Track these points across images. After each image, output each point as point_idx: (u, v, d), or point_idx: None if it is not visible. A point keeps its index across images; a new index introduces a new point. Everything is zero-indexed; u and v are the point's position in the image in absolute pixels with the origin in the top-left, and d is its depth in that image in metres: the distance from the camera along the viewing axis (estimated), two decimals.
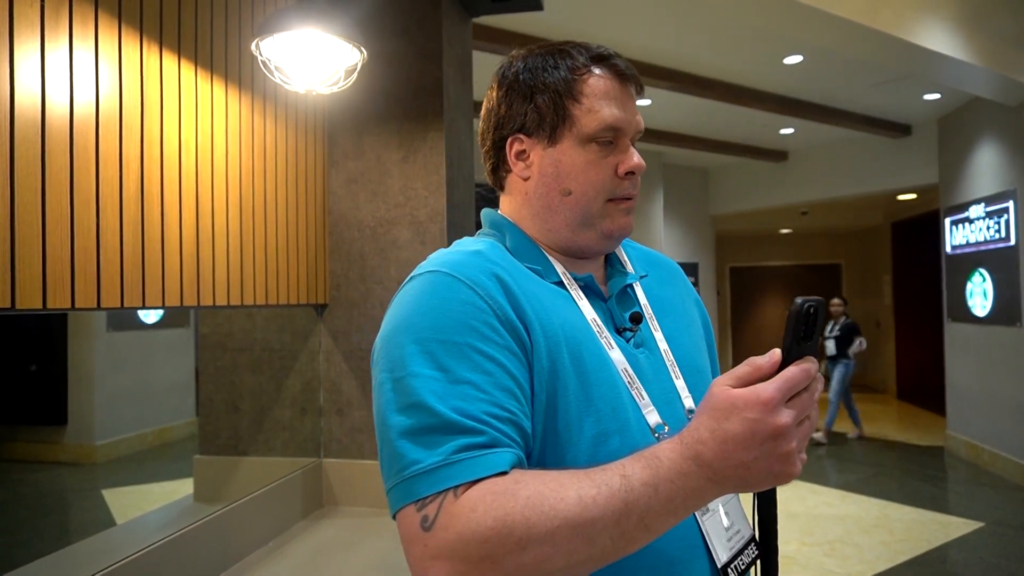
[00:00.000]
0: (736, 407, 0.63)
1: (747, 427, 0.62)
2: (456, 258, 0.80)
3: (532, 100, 0.86)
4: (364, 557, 1.72)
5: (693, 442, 0.64)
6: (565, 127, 0.84)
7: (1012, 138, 5.24)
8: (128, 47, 1.30)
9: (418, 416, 0.68)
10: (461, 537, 0.63)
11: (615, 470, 0.64)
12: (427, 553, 0.64)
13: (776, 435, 0.62)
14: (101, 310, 1.21)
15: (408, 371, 0.71)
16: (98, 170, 1.21)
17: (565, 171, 0.85)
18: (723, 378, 0.66)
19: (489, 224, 0.93)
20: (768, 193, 8.36)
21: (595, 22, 4.23)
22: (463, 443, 0.67)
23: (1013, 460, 5.32)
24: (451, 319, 0.73)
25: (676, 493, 0.63)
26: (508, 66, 0.90)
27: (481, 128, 0.93)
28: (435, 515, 0.64)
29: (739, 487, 0.65)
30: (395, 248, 2.09)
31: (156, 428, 1.88)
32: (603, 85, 0.85)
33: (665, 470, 0.63)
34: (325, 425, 2.13)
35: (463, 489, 0.65)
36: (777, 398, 0.62)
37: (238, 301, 1.68)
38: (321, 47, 1.55)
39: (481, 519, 0.62)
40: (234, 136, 1.66)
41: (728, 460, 0.62)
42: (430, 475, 0.66)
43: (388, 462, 0.70)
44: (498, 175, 0.92)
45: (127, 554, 1.33)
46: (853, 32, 3.63)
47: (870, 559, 3.87)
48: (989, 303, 5.59)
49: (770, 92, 5.73)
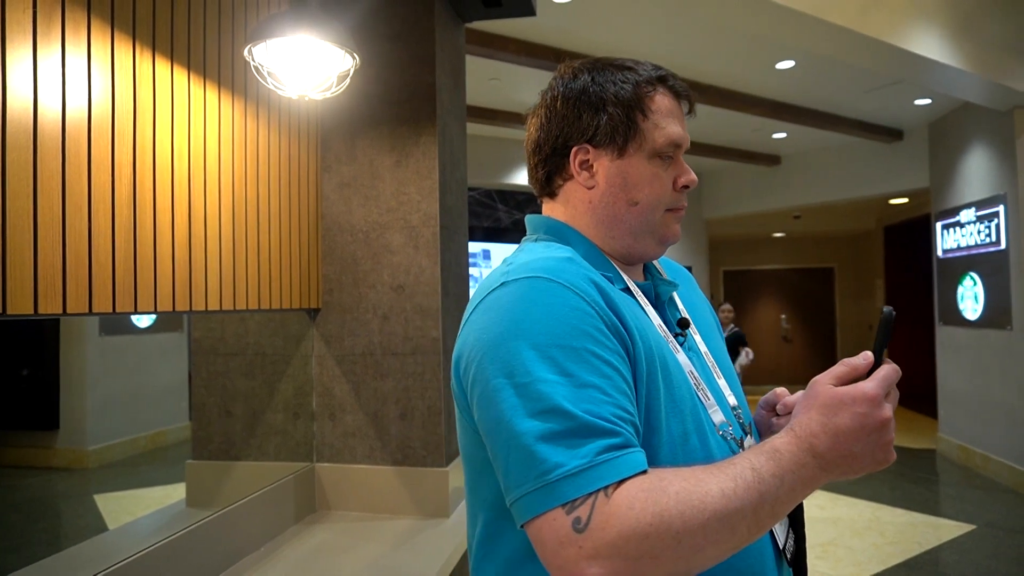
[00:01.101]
0: (844, 403, 0.71)
1: (857, 421, 0.70)
2: (553, 264, 0.81)
3: (604, 112, 0.89)
4: (357, 561, 1.72)
5: (807, 436, 0.71)
6: (635, 140, 0.89)
7: (1002, 143, 5.29)
8: (121, 52, 1.30)
9: (555, 420, 0.69)
10: (621, 535, 0.65)
11: (743, 464, 0.69)
12: (583, 554, 0.65)
13: (881, 427, 0.71)
14: (93, 315, 1.21)
15: (535, 376, 0.71)
16: (90, 175, 1.22)
17: (633, 182, 0.90)
18: (824, 377, 0.75)
19: (546, 230, 0.95)
20: (761, 197, 8.40)
21: (588, 27, 4.24)
22: (605, 444, 0.69)
23: (1004, 463, 5.35)
24: (566, 324, 0.75)
25: (797, 483, 0.70)
26: (571, 77, 0.93)
27: (536, 134, 0.95)
28: (588, 516, 0.66)
29: (845, 475, 0.72)
30: (388, 252, 2.10)
31: (149, 433, 1.87)
32: (667, 103, 0.91)
33: (787, 462, 0.70)
34: (318, 429, 2.13)
35: (612, 489, 0.67)
36: (880, 395, 0.71)
37: (231, 306, 1.68)
38: (314, 53, 1.55)
39: (640, 516, 0.65)
40: (227, 141, 1.67)
41: (839, 451, 0.70)
42: (577, 477, 0.67)
43: (521, 467, 0.70)
44: (552, 183, 0.95)
45: (119, 559, 1.33)
46: (844, 38, 3.66)
47: (862, 561, 3.89)
48: (980, 307, 5.63)
49: (763, 97, 5.76)
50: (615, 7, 3.97)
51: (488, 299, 0.81)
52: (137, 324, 1.83)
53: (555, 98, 0.93)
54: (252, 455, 1.98)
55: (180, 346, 1.99)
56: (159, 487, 1.86)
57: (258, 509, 1.81)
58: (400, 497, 2.06)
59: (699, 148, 7.24)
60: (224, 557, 1.66)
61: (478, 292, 0.85)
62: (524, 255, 0.86)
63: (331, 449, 2.12)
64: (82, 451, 1.66)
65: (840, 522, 4.59)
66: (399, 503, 2.06)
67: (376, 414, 2.09)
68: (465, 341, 0.81)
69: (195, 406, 1.94)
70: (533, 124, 0.95)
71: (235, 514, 1.71)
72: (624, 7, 3.96)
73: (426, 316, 2.06)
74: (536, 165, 0.96)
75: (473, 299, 0.85)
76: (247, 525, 1.76)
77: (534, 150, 0.95)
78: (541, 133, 0.94)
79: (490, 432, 0.74)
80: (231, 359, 1.98)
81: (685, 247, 8.69)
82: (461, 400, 0.84)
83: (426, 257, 2.07)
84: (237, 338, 2.00)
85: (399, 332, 2.08)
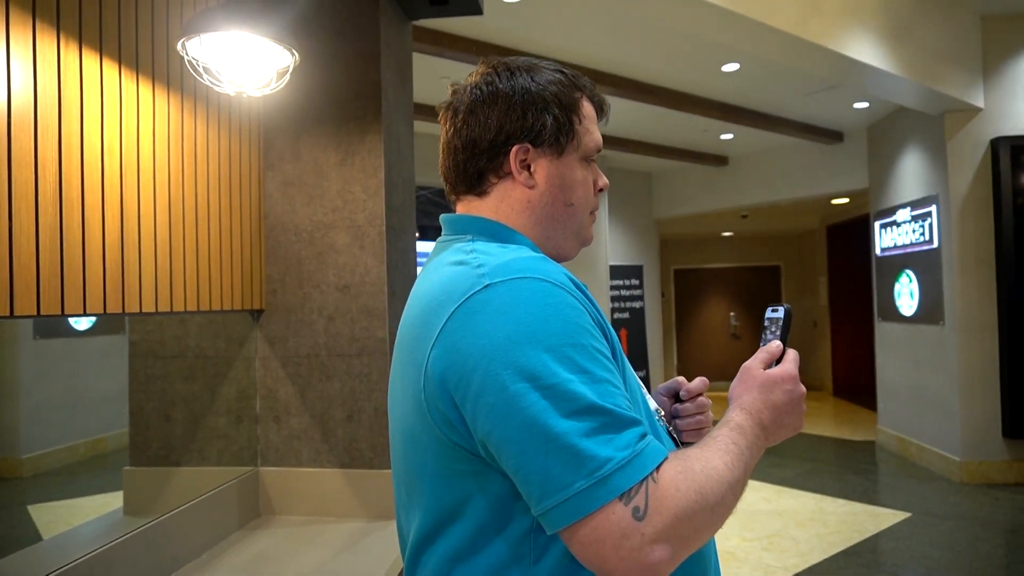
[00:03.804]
0: (776, 382, 0.87)
1: (787, 396, 0.86)
2: (535, 264, 0.80)
3: (549, 113, 0.90)
4: (301, 567, 1.70)
5: (755, 412, 0.84)
6: (572, 143, 0.92)
7: (934, 146, 5.51)
8: (44, 43, 1.25)
9: (593, 417, 0.70)
10: (677, 515, 0.68)
11: (724, 439, 0.78)
12: (646, 540, 0.67)
13: (802, 399, 0.88)
14: (14, 318, 1.17)
15: (560, 377, 0.71)
16: (10, 172, 1.17)
17: (569, 184, 0.92)
18: (753, 362, 0.90)
19: (480, 231, 0.91)
20: (710, 197, 8.57)
21: (536, 27, 4.27)
22: (638, 433, 0.72)
23: (938, 452, 5.59)
24: (572, 324, 0.75)
25: (757, 452, 0.81)
26: (508, 75, 0.91)
27: (466, 129, 0.92)
28: (645, 503, 0.68)
29: (776, 441, 0.87)
30: (333, 252, 2.07)
31: (88, 439, 1.80)
32: (590, 109, 0.95)
33: (749, 435, 0.81)
34: (262, 433, 2.09)
35: (656, 474, 0.70)
36: (796, 374, 0.89)
37: (168, 307, 1.64)
38: (251, 48, 1.52)
39: (685, 495, 0.70)
40: (162, 137, 1.62)
41: (777, 422, 0.85)
42: (628, 468, 0.69)
43: (566, 468, 0.68)
44: (484, 180, 0.92)
45: (51, 569, 1.28)
46: (784, 42, 3.77)
47: (805, 551, 4.00)
48: (915, 303, 5.86)
49: (710, 98, 5.88)
50: (563, 8, 4.00)
51: (471, 303, 0.76)
52: (75, 327, 1.76)
53: (495, 93, 0.90)
54: (193, 460, 1.93)
55: (122, 349, 1.93)
56: (98, 495, 1.79)
57: (199, 515, 1.77)
58: (347, 500, 2.03)
59: (649, 148, 7.35)
60: (162, 565, 1.61)
61: (443, 296, 0.79)
62: (483, 256, 0.82)
63: (276, 453, 2.08)
64: (15, 460, 1.59)
65: (785, 514, 4.72)
66: (346, 506, 2.03)
67: (322, 416, 2.07)
68: (454, 349, 0.75)
69: (133, 411, 1.88)
70: (462, 118, 0.93)
71: (174, 521, 1.67)
72: (572, 8, 4.00)
73: (372, 316, 2.05)
74: (466, 161, 0.93)
75: (437, 304, 0.79)
76: (187, 532, 1.72)
77: (465, 144, 0.92)
78: (476, 128, 0.91)
79: (513, 440, 0.70)
80: (170, 362, 1.92)
81: (636, 246, 8.81)
82: (441, 413, 0.78)
83: (372, 257, 2.05)
84: (177, 340, 1.94)
85: (345, 333, 2.06)
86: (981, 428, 5.21)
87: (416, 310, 0.84)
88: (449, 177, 0.97)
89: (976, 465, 5.23)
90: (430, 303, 0.81)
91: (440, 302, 0.79)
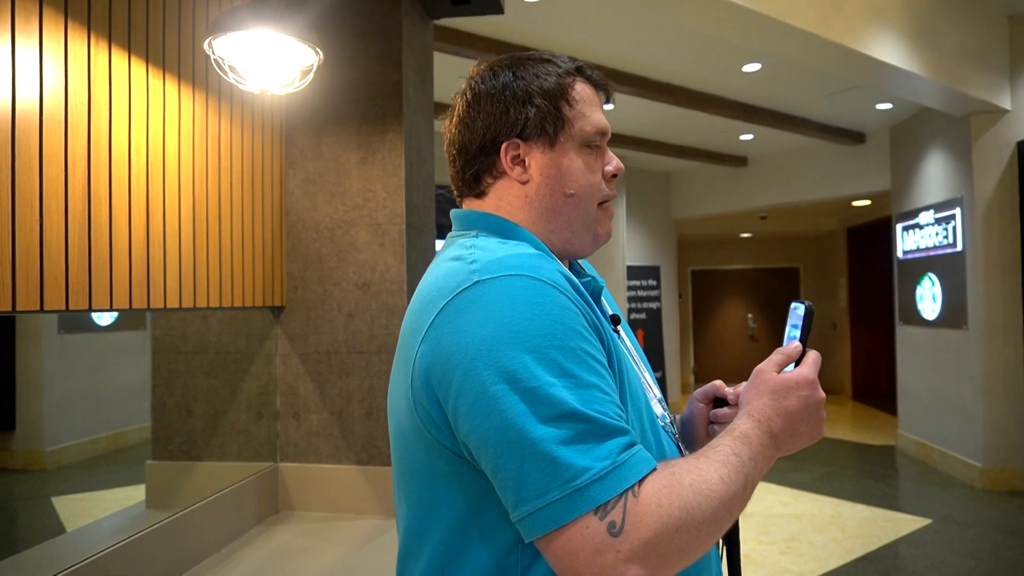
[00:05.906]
0: (791, 388, 0.80)
1: (802, 402, 0.80)
2: (528, 261, 0.77)
3: (531, 104, 0.87)
4: (319, 563, 1.71)
5: (765, 419, 0.78)
6: (564, 131, 0.88)
7: (959, 148, 5.43)
8: (75, 43, 1.27)
9: (572, 424, 0.67)
10: (656, 533, 0.64)
11: (725, 450, 0.73)
12: (621, 558, 0.63)
13: (819, 406, 0.81)
14: (44, 312, 1.19)
15: (541, 380, 0.68)
16: (42, 169, 1.19)
17: (566, 173, 0.88)
18: (767, 365, 0.84)
19: (485, 227, 0.89)
20: (729, 198, 8.51)
21: (556, 26, 4.26)
22: (622, 443, 0.68)
23: (960, 458, 5.51)
24: (559, 324, 0.71)
25: (763, 462, 0.76)
26: (490, 74, 0.91)
27: (459, 135, 0.91)
28: (622, 518, 0.64)
29: (788, 451, 0.80)
30: (353, 250, 2.08)
31: (110, 433, 1.83)
32: (588, 92, 0.90)
33: (755, 445, 0.76)
34: (281, 429, 2.11)
35: (637, 488, 0.66)
36: (816, 379, 0.82)
37: (191, 303, 1.66)
38: (276, 47, 1.53)
39: (668, 511, 0.65)
40: (187, 135, 1.64)
41: (789, 430, 0.79)
42: (606, 479, 0.65)
43: (541, 476, 0.66)
44: (481, 182, 0.91)
45: (75, 562, 1.30)
46: (807, 42, 3.73)
47: (823, 556, 3.96)
48: (938, 307, 5.78)
49: (730, 99, 5.83)
50: (583, 8, 3.99)
51: (459, 300, 0.74)
52: (98, 322, 1.79)
53: (477, 96, 0.90)
54: (214, 455, 1.95)
55: (143, 344, 1.96)
56: (119, 488, 1.82)
57: (219, 510, 1.79)
58: (365, 496, 2.04)
59: (669, 149, 7.31)
60: (183, 559, 1.63)
61: (436, 293, 0.78)
62: (480, 252, 0.80)
63: (295, 449, 2.10)
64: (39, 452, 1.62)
65: (803, 518, 4.68)
66: (364, 502, 2.04)
67: (341, 413, 2.08)
68: (438, 346, 0.73)
69: (155, 405, 1.90)
70: (455, 125, 0.92)
71: (195, 515, 1.69)
72: (592, 8, 3.99)
73: (391, 314, 2.05)
74: (463, 166, 0.92)
75: (430, 300, 0.78)
76: (207, 527, 1.74)
77: (460, 151, 0.91)
78: (466, 133, 0.90)
79: (491, 443, 0.68)
80: (192, 357, 1.94)
81: (654, 247, 8.78)
82: (427, 412, 0.76)
83: (392, 255, 2.06)
84: (199, 336, 1.97)
85: (364, 330, 2.07)
86: (1004, 434, 5.13)
87: (413, 306, 0.83)
88: (454, 183, 0.96)
89: (999, 471, 5.15)
90: (424, 299, 0.80)
91: (432, 299, 0.78)
